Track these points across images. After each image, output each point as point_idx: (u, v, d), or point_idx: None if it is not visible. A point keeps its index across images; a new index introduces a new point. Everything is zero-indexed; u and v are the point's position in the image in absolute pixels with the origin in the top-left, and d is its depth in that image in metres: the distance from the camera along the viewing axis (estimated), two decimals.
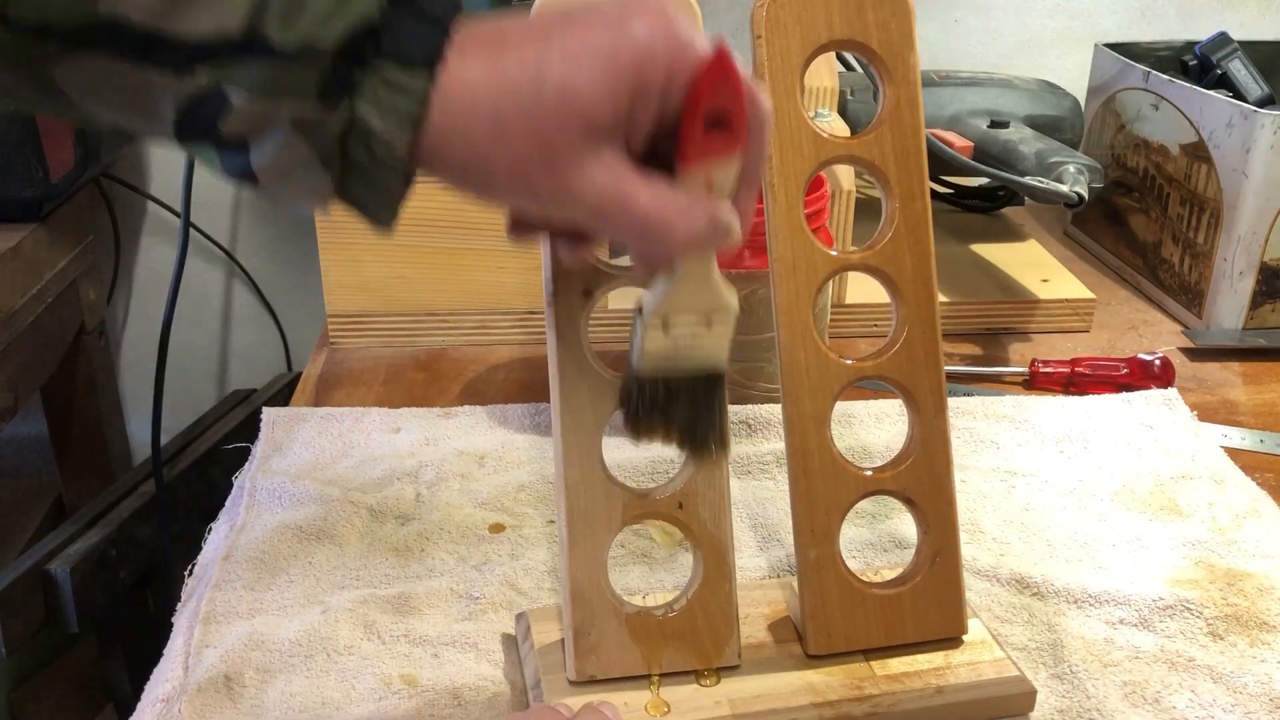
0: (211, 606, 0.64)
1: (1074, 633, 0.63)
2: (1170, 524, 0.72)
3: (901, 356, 0.59)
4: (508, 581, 0.66)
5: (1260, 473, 0.79)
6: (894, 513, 0.73)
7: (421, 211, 0.93)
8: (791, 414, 0.57)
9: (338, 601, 0.64)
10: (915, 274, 0.58)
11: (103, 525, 1.02)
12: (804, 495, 0.58)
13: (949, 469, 0.59)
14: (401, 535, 0.70)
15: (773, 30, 0.56)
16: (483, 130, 0.39)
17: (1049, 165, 0.91)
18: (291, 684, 0.58)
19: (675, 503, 0.56)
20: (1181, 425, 0.83)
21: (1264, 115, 0.92)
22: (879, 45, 0.57)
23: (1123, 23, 1.35)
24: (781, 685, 0.56)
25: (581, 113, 0.39)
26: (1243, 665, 0.61)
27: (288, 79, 0.38)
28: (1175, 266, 1.05)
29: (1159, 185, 1.07)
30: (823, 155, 0.57)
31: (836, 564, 0.58)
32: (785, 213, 0.57)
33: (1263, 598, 0.65)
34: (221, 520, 0.73)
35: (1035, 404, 0.86)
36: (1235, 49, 1.09)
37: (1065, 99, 1.09)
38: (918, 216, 0.58)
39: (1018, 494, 0.76)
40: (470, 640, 0.62)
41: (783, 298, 0.57)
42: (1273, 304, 1.00)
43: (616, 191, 0.41)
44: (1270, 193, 0.95)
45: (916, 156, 0.58)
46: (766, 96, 0.43)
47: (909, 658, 0.58)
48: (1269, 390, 0.93)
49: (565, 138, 0.40)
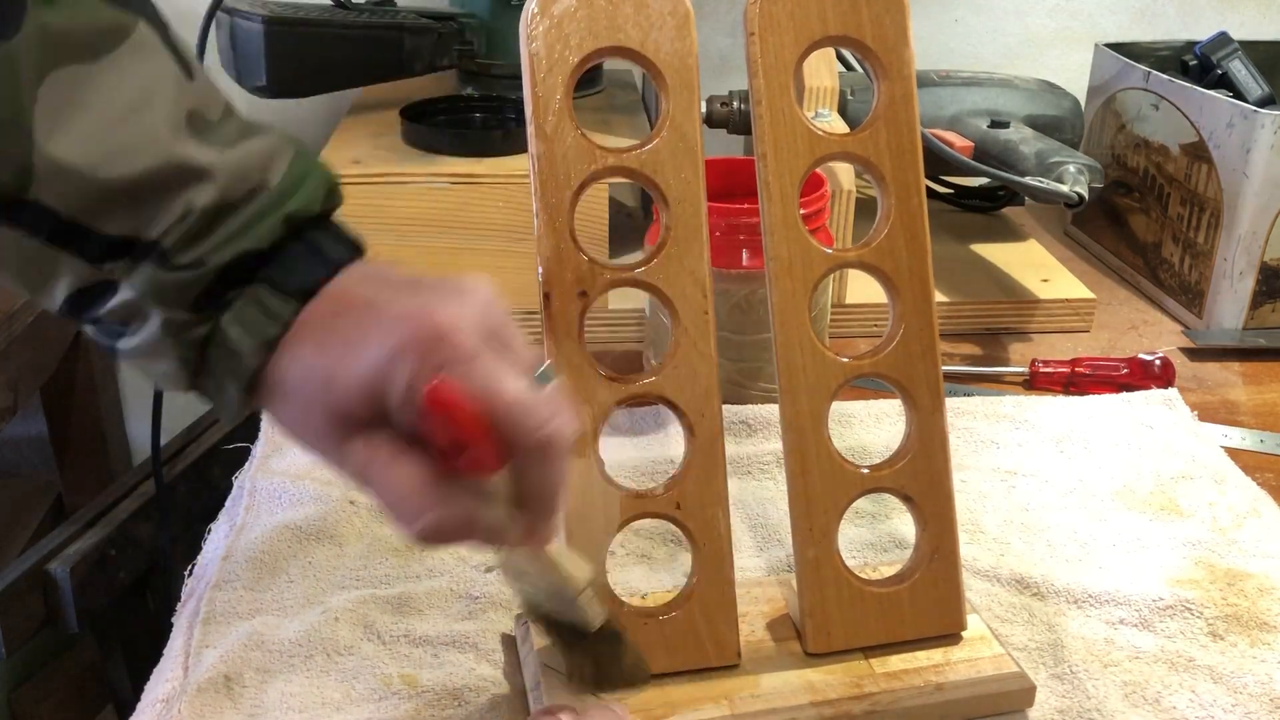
0: (211, 606, 0.64)
1: (1074, 633, 0.63)
2: (1170, 524, 0.72)
3: (898, 354, 0.59)
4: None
5: (1260, 473, 0.79)
6: (894, 513, 0.73)
7: (421, 211, 0.93)
8: (789, 413, 0.57)
9: (338, 601, 0.64)
10: (912, 271, 0.58)
11: (102, 525, 1.02)
12: (802, 494, 0.58)
13: (947, 466, 0.59)
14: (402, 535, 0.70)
15: (766, 27, 0.56)
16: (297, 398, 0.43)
17: (1049, 165, 0.91)
18: (291, 684, 0.58)
19: (674, 503, 0.56)
20: (1182, 425, 0.83)
21: (1264, 115, 0.92)
22: (873, 41, 0.57)
23: (1123, 23, 1.35)
24: (781, 684, 0.56)
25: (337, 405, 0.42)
26: (1243, 665, 0.61)
27: (172, 286, 0.42)
28: (1175, 266, 1.05)
29: (1159, 185, 1.07)
30: (818, 152, 0.57)
31: (835, 562, 0.58)
32: (781, 211, 0.57)
33: (1263, 598, 0.65)
34: (221, 520, 0.73)
35: (1035, 404, 0.86)
36: (1235, 49, 1.09)
37: (1065, 99, 1.09)
38: (914, 213, 0.58)
39: (1018, 494, 0.76)
40: (470, 640, 0.62)
41: (779, 296, 0.57)
42: (1273, 304, 1.00)
43: (366, 470, 0.42)
44: (1270, 193, 0.95)
45: (912, 153, 0.58)
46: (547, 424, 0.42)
47: (908, 655, 0.58)
48: (1269, 390, 0.93)
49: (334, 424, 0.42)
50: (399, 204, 0.92)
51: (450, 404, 0.40)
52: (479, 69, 1.10)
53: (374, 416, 0.41)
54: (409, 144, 0.98)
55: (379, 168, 0.93)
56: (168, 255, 0.42)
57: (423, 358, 0.40)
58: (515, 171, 0.93)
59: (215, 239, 0.42)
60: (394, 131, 1.00)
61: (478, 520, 0.43)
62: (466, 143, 0.96)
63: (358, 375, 0.41)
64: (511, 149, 0.96)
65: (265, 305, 0.43)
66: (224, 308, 0.43)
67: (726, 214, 0.79)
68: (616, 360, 0.94)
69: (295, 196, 0.44)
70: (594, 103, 1.14)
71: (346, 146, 0.99)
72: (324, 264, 0.44)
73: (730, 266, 0.79)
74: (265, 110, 1.26)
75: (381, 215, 0.92)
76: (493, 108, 1.07)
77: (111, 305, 0.43)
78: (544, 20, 0.53)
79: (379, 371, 0.41)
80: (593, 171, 0.55)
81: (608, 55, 0.55)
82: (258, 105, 1.23)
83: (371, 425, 0.42)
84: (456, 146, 0.96)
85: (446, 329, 0.41)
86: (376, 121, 1.05)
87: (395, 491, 0.42)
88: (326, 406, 0.42)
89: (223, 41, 0.98)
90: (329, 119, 1.25)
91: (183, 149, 0.42)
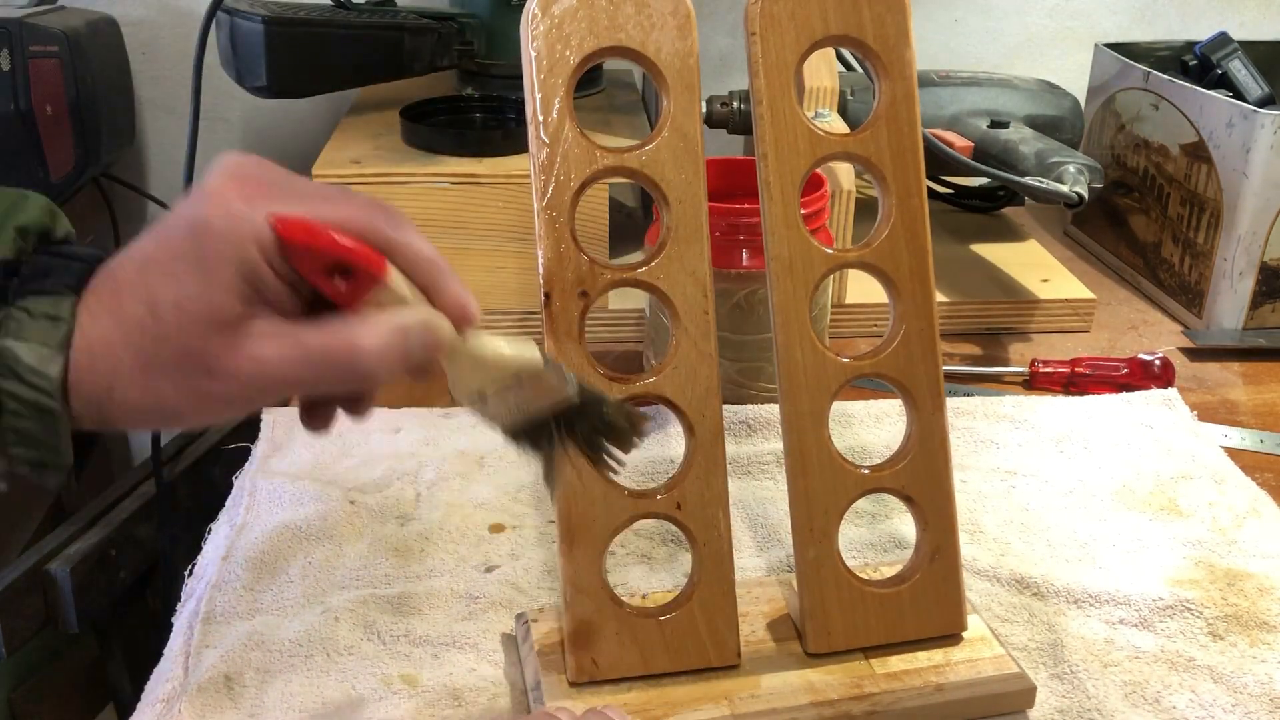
0: (211, 606, 0.64)
1: (1074, 633, 0.63)
2: (1170, 524, 0.72)
3: (899, 354, 0.59)
4: (508, 581, 0.66)
5: (1260, 473, 0.79)
6: (894, 513, 0.73)
7: (421, 211, 0.93)
8: (789, 412, 0.57)
9: (338, 601, 0.64)
10: (912, 271, 0.58)
11: (103, 525, 1.02)
12: (802, 494, 0.58)
13: (947, 466, 0.59)
14: (401, 535, 0.70)
15: (767, 27, 0.56)
16: (136, 380, 0.40)
17: (1049, 165, 0.91)
18: (291, 684, 0.58)
19: (674, 503, 0.56)
20: (1181, 425, 0.83)
21: (1264, 115, 0.92)
22: (874, 41, 0.57)
23: (1123, 23, 1.35)
24: (781, 684, 0.56)
25: (205, 316, 0.39)
26: (1243, 665, 0.61)
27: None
28: (1175, 266, 1.05)
29: (1159, 185, 1.07)
30: (818, 152, 0.57)
31: (835, 562, 0.58)
32: (781, 211, 0.57)
33: (1263, 598, 0.65)
34: (221, 520, 0.73)
35: (1035, 404, 0.86)
36: (1235, 49, 1.09)
37: (1065, 99, 1.09)
38: (914, 213, 0.58)
39: (1018, 494, 0.76)
40: (470, 640, 0.62)
41: (779, 296, 0.57)
42: (1273, 304, 1.00)
43: (288, 353, 0.40)
44: (1270, 193, 0.95)
45: (913, 153, 0.58)
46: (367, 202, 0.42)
47: (909, 655, 0.58)
48: (1269, 390, 0.93)
49: (206, 344, 0.40)
50: (399, 204, 0.92)
51: (303, 227, 0.40)
52: (479, 69, 1.10)
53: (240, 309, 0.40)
54: (409, 144, 0.98)
55: (379, 168, 0.93)
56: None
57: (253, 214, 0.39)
58: (515, 171, 0.93)
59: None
60: (394, 131, 1.00)
61: (406, 323, 0.42)
62: (466, 143, 0.96)
63: (191, 282, 0.39)
64: (511, 149, 0.96)
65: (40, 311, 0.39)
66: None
67: (727, 214, 0.79)
68: (617, 360, 0.94)
69: (17, 214, 0.41)
70: (594, 103, 1.14)
71: (346, 146, 0.99)
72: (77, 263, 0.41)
73: (730, 266, 0.79)
74: (265, 110, 1.26)
75: None
76: (493, 108, 1.07)
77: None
78: (545, 20, 0.53)
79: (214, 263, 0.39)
80: (593, 171, 0.55)
81: (608, 55, 0.55)
82: (258, 105, 1.24)
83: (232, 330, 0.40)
84: (456, 146, 0.96)
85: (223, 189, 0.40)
86: (376, 121, 1.05)
87: (327, 344, 0.40)
88: (165, 341, 0.39)
89: (223, 41, 0.98)
90: (329, 119, 1.25)
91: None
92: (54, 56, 1.07)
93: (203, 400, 0.41)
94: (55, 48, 1.07)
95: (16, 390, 0.39)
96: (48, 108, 1.06)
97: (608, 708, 0.52)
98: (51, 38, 1.06)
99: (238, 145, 1.29)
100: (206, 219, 0.39)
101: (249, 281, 0.40)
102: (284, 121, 1.29)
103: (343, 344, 0.41)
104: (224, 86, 1.08)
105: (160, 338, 0.39)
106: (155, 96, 1.27)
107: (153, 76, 1.26)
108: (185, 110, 0.99)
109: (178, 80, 1.25)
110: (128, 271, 0.40)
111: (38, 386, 0.39)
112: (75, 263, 0.40)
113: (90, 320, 0.39)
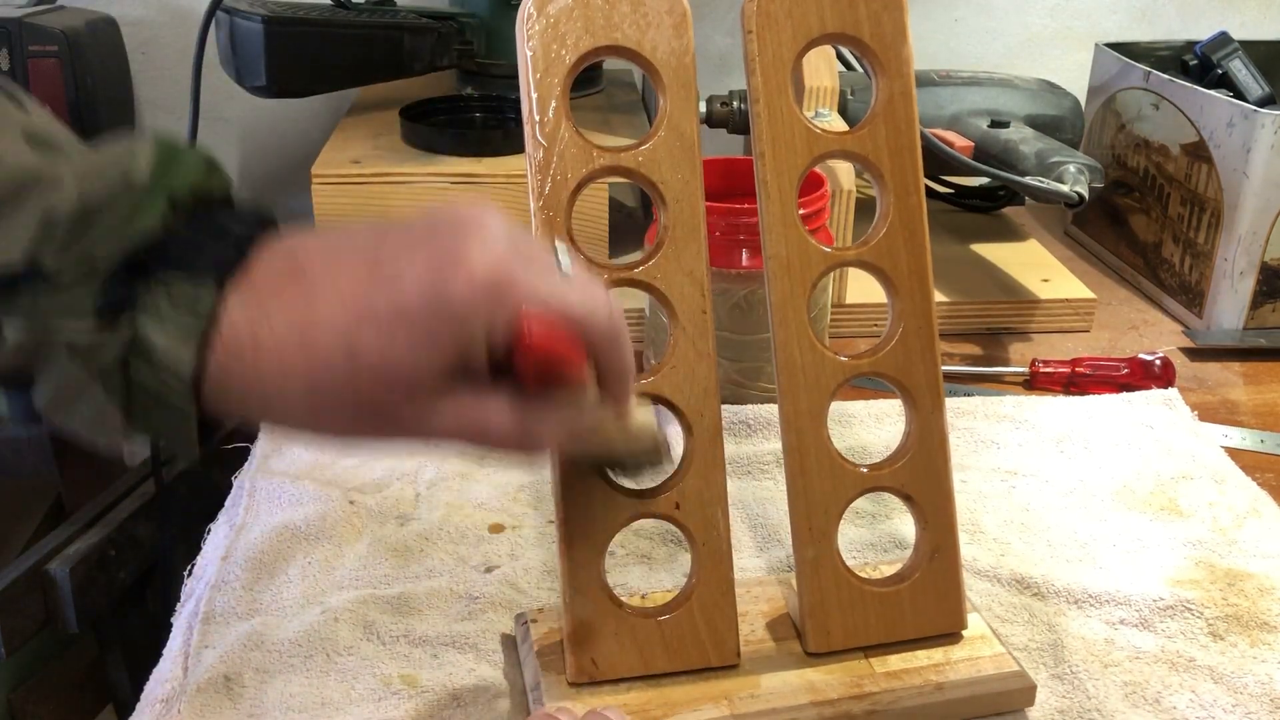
0: (211, 606, 0.64)
1: (1074, 633, 0.63)
2: (1171, 524, 0.72)
3: (898, 353, 0.58)
4: (508, 581, 0.66)
5: (1260, 473, 0.79)
6: (894, 513, 0.73)
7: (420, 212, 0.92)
8: (788, 412, 0.57)
9: (338, 601, 0.64)
10: (911, 270, 0.58)
11: (102, 525, 1.02)
12: (801, 493, 0.57)
13: (947, 465, 0.59)
14: (401, 535, 0.70)
15: (764, 25, 0.56)
16: (298, 399, 0.39)
17: (1049, 165, 0.91)
18: (291, 684, 0.58)
19: (673, 503, 0.56)
20: (1182, 425, 0.83)
21: (1264, 115, 0.92)
22: (871, 38, 0.57)
23: (1123, 22, 1.35)
24: (781, 684, 0.56)
25: (406, 383, 0.38)
26: (1243, 665, 0.61)
27: (63, 300, 0.36)
28: (1175, 266, 1.05)
29: (1159, 185, 1.07)
30: (815, 150, 0.57)
31: (835, 561, 0.58)
32: (779, 209, 0.57)
33: (1263, 598, 0.65)
34: (221, 520, 0.73)
35: (1035, 404, 0.86)
36: (1236, 48, 1.09)
37: (1065, 99, 1.09)
38: (913, 211, 0.58)
39: (1018, 494, 0.76)
40: (470, 640, 0.62)
41: (778, 295, 0.57)
42: (1273, 304, 1.00)
43: (464, 426, 0.40)
44: (1270, 193, 0.95)
45: (911, 151, 0.58)
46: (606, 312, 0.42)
47: (909, 654, 0.58)
48: (1269, 390, 0.92)
49: (395, 403, 0.39)
50: (399, 204, 0.92)
51: (544, 341, 0.40)
52: (479, 69, 1.10)
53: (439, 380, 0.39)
54: (409, 144, 0.98)
55: (379, 168, 0.93)
56: (46, 272, 0.36)
57: (492, 309, 0.39)
58: (515, 171, 0.92)
59: (94, 237, 0.37)
60: (394, 131, 1.00)
61: (579, 420, 0.43)
62: (466, 143, 0.96)
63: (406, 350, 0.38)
64: (511, 149, 0.96)
65: (181, 297, 0.37)
66: (131, 308, 0.37)
67: (726, 214, 0.78)
68: None
69: (170, 177, 0.39)
70: (593, 102, 1.14)
71: (346, 146, 0.99)
72: (229, 241, 0.39)
73: (729, 266, 0.79)
74: (265, 110, 1.26)
75: (381, 215, 0.92)
76: (493, 108, 1.07)
77: (4, 351, 0.37)
78: (540, 20, 0.53)
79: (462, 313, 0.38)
80: (590, 171, 0.55)
81: (605, 55, 0.55)
82: (258, 105, 1.23)
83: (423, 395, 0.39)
84: (456, 146, 0.96)
85: (494, 273, 0.38)
86: (376, 121, 1.05)
87: (500, 434, 0.41)
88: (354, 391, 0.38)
89: (223, 41, 0.98)
90: (329, 119, 1.25)
91: (19, 163, 0.38)
92: (53, 56, 1.07)
93: (365, 437, 0.41)
94: (55, 47, 1.07)
95: (149, 380, 0.37)
96: (47, 107, 1.06)
97: (607, 708, 0.52)
98: (51, 37, 1.07)
99: (237, 145, 1.29)
100: (449, 291, 0.38)
101: (463, 359, 0.39)
102: (284, 121, 1.29)
103: (521, 436, 0.41)
104: (224, 86, 1.08)
105: (351, 384, 0.38)
106: (155, 96, 1.27)
107: (152, 76, 1.26)
108: (185, 110, 0.99)
109: (178, 80, 1.25)
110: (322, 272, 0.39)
111: (169, 382, 0.37)
112: (229, 237, 0.38)
113: (251, 317, 0.38)
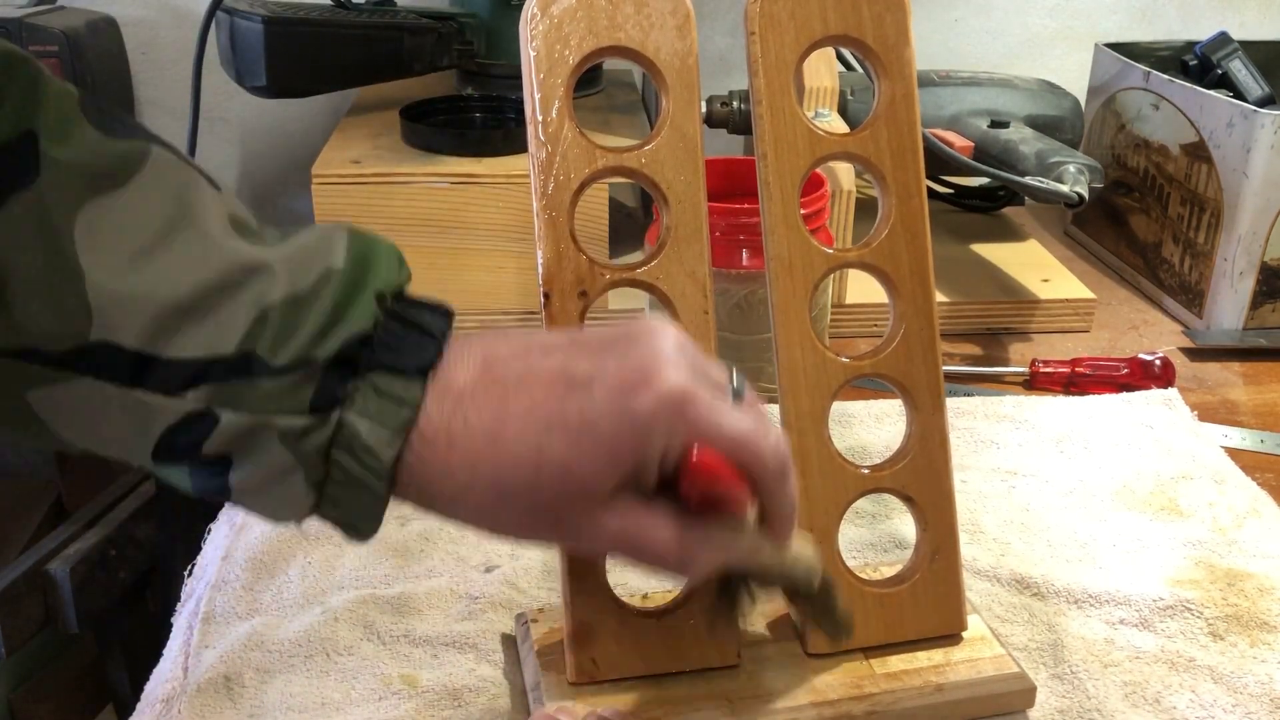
0: (211, 606, 0.64)
1: (1074, 633, 0.63)
2: (1170, 524, 0.72)
3: (899, 354, 0.58)
4: (508, 581, 0.66)
5: (1260, 473, 0.79)
6: (894, 513, 0.73)
7: (421, 211, 0.93)
8: (789, 412, 0.57)
9: (338, 601, 0.64)
10: (912, 271, 0.58)
11: (102, 525, 1.02)
12: (802, 494, 0.57)
13: (947, 466, 0.59)
14: (401, 535, 0.70)
15: (767, 26, 0.56)
16: (481, 496, 0.41)
17: (1049, 165, 0.91)
18: (291, 684, 0.58)
19: None
20: (1182, 425, 0.83)
21: (1264, 115, 0.92)
22: (874, 40, 0.57)
23: (1123, 23, 1.35)
24: (781, 684, 0.56)
25: (584, 489, 0.41)
26: (1243, 665, 0.61)
27: (282, 395, 0.39)
28: (1175, 266, 1.05)
29: (1159, 185, 1.07)
30: (818, 152, 0.57)
31: (835, 562, 0.58)
32: (781, 210, 0.57)
33: (1263, 598, 0.65)
34: (221, 520, 0.73)
35: (1035, 404, 0.86)
36: (1235, 49, 1.09)
37: (1065, 99, 1.09)
38: (914, 213, 0.58)
39: (1018, 494, 0.76)
40: (470, 640, 0.62)
41: (779, 296, 0.57)
42: (1273, 304, 1.00)
43: (628, 537, 0.43)
44: (1270, 193, 0.95)
45: (913, 153, 0.58)
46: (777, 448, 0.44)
47: (909, 655, 0.58)
48: (1269, 390, 0.92)
49: (570, 508, 0.42)
50: (399, 204, 0.92)
51: (714, 468, 0.42)
52: (479, 69, 1.10)
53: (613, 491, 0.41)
54: (409, 144, 0.98)
55: (379, 168, 0.93)
56: (265, 363, 0.38)
57: (673, 428, 0.41)
58: (515, 171, 0.92)
59: (308, 332, 0.39)
60: (394, 131, 1.00)
61: (737, 545, 0.45)
62: (466, 143, 0.96)
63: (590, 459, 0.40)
64: (511, 149, 0.96)
65: (388, 391, 0.40)
66: (342, 403, 0.39)
67: (727, 214, 0.78)
68: None
69: (373, 272, 0.41)
70: (594, 103, 1.14)
71: (346, 146, 0.99)
72: (431, 340, 0.41)
73: (730, 266, 0.79)
74: (265, 110, 1.26)
75: (381, 215, 0.92)
76: (493, 108, 1.07)
77: (214, 437, 0.38)
78: (544, 20, 0.53)
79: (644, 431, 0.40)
80: (592, 171, 0.55)
81: (608, 55, 0.55)
82: (258, 105, 1.23)
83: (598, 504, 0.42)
84: (456, 146, 0.96)
85: (681, 394, 0.41)
86: (376, 121, 1.05)
87: (660, 551, 0.43)
88: (535, 492, 0.41)
89: (223, 41, 0.98)
90: (329, 119, 1.25)
91: (235, 249, 0.39)
92: (53, 56, 1.07)
93: (534, 537, 0.44)
94: (55, 47, 1.07)
95: (349, 465, 0.40)
96: None
97: (607, 709, 0.52)
98: (51, 37, 1.07)
99: (238, 145, 1.29)
100: (637, 406, 0.40)
101: (637, 473, 0.42)
102: (284, 121, 1.29)
103: (679, 556, 0.43)
104: (224, 86, 1.08)
105: (533, 486, 0.41)
106: (155, 96, 1.26)
107: (152, 76, 1.26)
108: (185, 110, 0.99)
109: (178, 80, 1.25)
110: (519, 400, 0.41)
111: (369, 467, 0.40)
112: (428, 337, 0.41)
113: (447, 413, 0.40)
